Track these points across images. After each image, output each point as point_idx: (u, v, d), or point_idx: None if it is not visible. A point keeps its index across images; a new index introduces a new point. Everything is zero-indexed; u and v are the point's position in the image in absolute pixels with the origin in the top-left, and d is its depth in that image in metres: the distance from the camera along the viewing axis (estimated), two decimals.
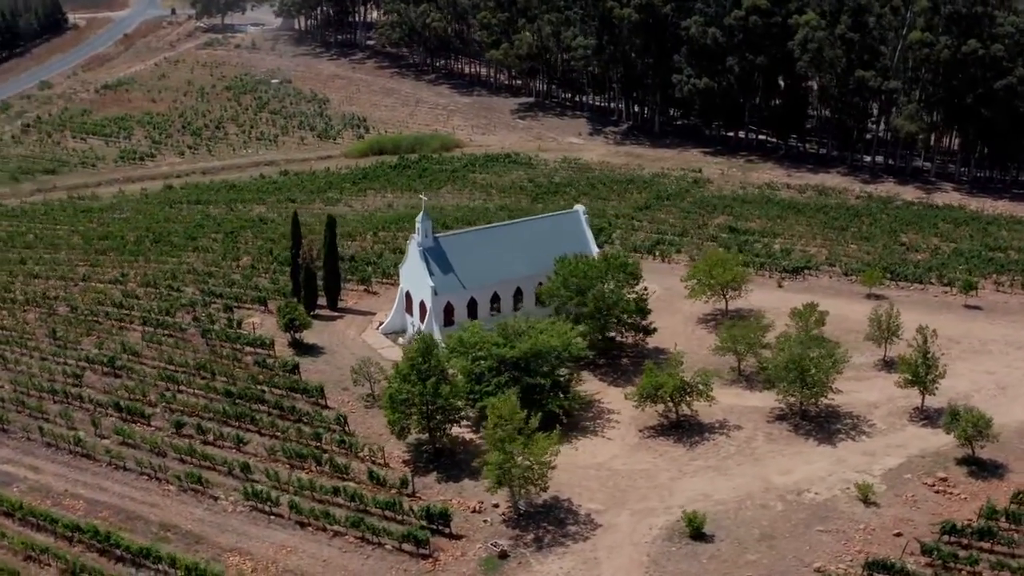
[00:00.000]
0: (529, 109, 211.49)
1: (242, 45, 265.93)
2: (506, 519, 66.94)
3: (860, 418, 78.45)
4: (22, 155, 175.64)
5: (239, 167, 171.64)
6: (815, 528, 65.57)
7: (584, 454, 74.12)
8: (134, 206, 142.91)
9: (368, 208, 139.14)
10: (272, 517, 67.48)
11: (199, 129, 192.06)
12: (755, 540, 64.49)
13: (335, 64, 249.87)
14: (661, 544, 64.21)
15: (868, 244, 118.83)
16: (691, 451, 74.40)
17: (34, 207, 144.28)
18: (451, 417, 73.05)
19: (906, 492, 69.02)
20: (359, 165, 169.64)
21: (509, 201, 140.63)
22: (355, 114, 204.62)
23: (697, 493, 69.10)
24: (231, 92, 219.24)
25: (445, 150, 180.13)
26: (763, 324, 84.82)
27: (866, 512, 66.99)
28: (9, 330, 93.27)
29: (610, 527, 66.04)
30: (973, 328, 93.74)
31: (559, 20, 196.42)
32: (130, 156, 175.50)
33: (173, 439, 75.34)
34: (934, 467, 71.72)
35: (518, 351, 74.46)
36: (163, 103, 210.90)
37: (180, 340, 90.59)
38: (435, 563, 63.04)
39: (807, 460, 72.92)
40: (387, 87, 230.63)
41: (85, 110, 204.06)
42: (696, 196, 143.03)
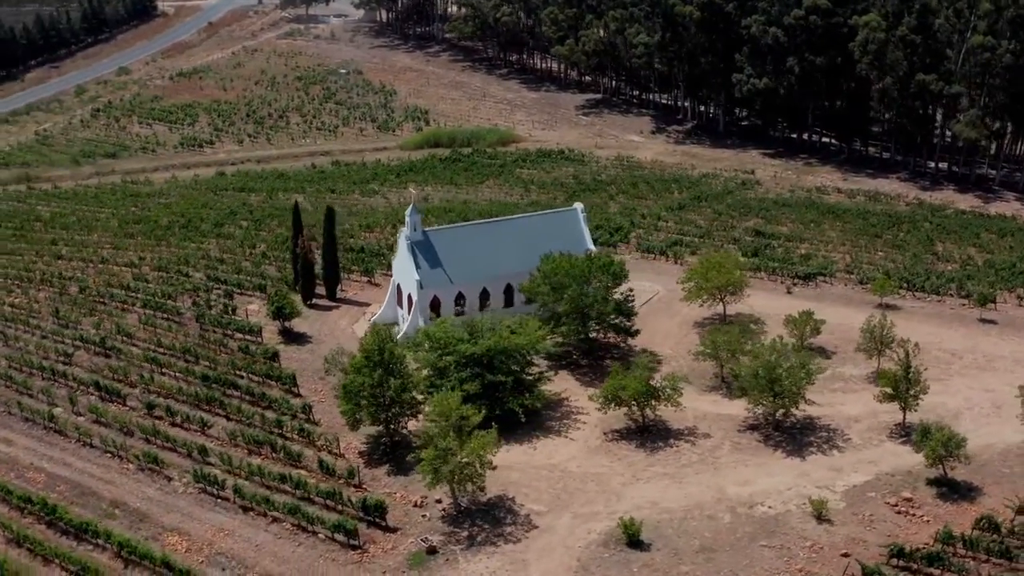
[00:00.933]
0: (595, 106, 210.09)
1: (321, 36, 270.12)
2: (445, 515, 66.61)
3: (837, 432, 75.70)
4: (88, 139, 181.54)
5: (294, 156, 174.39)
6: (759, 543, 63.52)
7: (541, 454, 73.28)
8: (181, 192, 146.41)
9: (404, 201, 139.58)
10: (218, 500, 68.40)
11: (262, 118, 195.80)
12: (693, 551, 62.79)
13: (410, 56, 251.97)
14: (595, 550, 63.03)
15: (898, 252, 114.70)
16: (651, 457, 72.84)
17: (87, 189, 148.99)
18: (408, 411, 72.81)
19: (865, 511, 66.32)
20: (411, 157, 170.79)
21: (546, 197, 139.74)
22: (418, 106, 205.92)
23: (645, 500, 67.63)
24: (301, 82, 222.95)
25: (501, 144, 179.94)
26: (749, 330, 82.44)
27: (817, 529, 64.61)
28: (18, 308, 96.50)
29: (547, 529, 65.11)
30: (982, 343, 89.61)
31: (624, 17, 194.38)
32: (190, 143, 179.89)
33: (143, 419, 76.82)
34: (901, 486, 68.79)
35: (480, 348, 73.93)
36: (234, 91, 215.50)
37: (176, 324, 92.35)
38: (363, 555, 63.03)
39: (769, 472, 70.68)
40: (457, 80, 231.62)
41: (156, 96, 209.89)
42: (738, 198, 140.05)
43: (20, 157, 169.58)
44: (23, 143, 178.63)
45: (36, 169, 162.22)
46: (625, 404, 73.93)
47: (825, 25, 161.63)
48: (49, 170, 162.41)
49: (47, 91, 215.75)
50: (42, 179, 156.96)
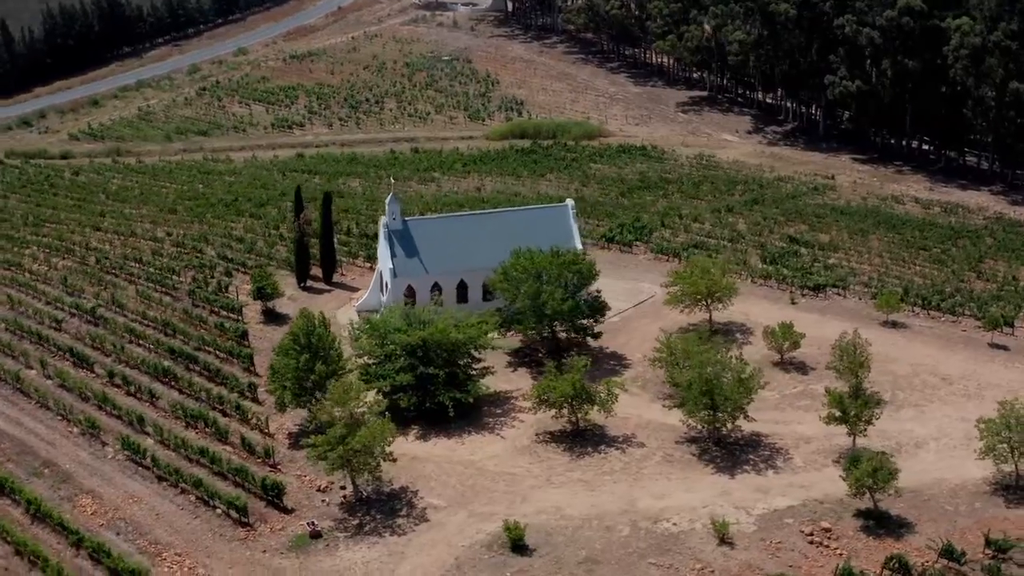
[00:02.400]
0: (697, 103, 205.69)
1: (444, 24, 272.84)
2: (344, 502, 67.16)
3: (781, 452, 72.20)
4: (186, 116, 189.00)
5: (379, 142, 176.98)
6: (648, 559, 61.41)
7: (465, 450, 72.70)
8: (252, 172, 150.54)
9: (456, 190, 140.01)
10: (140, 468, 70.82)
11: (359, 103, 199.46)
12: (576, 562, 61.20)
13: (525, 47, 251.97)
14: (477, 550, 62.20)
15: (937, 267, 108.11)
16: (574, 462, 71.20)
17: (166, 165, 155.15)
18: None
19: (775, 538, 63.10)
20: (490, 148, 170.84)
21: (597, 192, 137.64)
22: (516, 97, 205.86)
23: (549, 505, 66.25)
24: (408, 69, 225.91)
25: (587, 138, 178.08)
26: (712, 338, 79.18)
27: (714, 552, 61.91)
28: (35, 275, 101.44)
29: (438, 525, 64.69)
30: (982, 370, 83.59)
31: (725, 13, 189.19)
32: (282, 124, 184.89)
33: (104, 386, 79.76)
34: (825, 515, 65.06)
35: (413, 338, 73.62)
36: (340, 75, 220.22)
37: (173, 298, 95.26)
38: (249, 532, 63.96)
39: (690, 488, 68.02)
40: (565, 72, 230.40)
41: (264, 77, 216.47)
42: (799, 203, 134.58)
43: (117, 131, 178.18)
44: (124, 118, 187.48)
45: (128, 144, 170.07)
46: (555, 406, 72.21)
47: (920, 28, 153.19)
48: (141, 145, 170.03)
49: (162, 69, 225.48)
50: (132, 153, 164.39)
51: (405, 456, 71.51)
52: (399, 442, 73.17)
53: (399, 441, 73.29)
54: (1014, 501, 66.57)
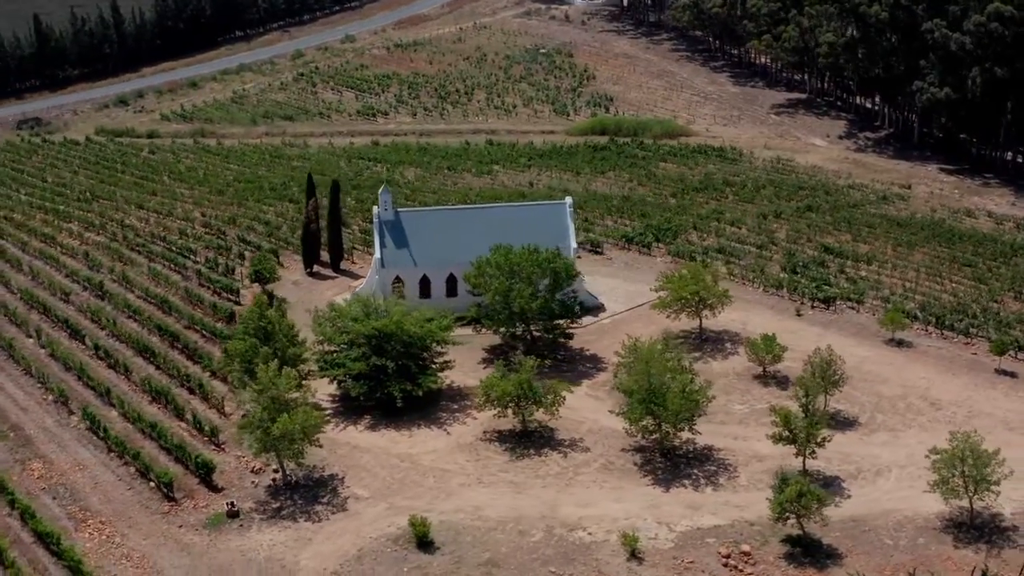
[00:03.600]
0: (793, 105, 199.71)
1: (556, 17, 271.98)
2: (273, 485, 68.05)
3: (729, 468, 69.68)
4: (277, 101, 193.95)
5: (458, 132, 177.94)
6: (550, 567, 60.21)
7: (408, 443, 72.79)
8: (320, 158, 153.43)
9: (512, 184, 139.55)
10: (95, 439, 73.20)
11: (448, 93, 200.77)
12: (476, 563, 60.62)
13: (631, 43, 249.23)
14: (382, 543, 62.31)
15: (974, 285, 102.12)
16: (512, 463, 70.37)
17: (243, 149, 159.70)
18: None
19: (689, 557, 61.08)
20: (567, 142, 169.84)
21: (650, 192, 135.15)
22: (607, 92, 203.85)
23: (471, 504, 65.76)
24: (507, 61, 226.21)
25: (668, 137, 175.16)
26: (677, 344, 76.82)
27: (621, 566, 60.41)
28: (64, 248, 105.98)
29: (353, 515, 65.07)
30: (978, 397, 78.64)
31: (820, 13, 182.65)
32: (368, 112, 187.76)
33: (89, 358, 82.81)
34: (751, 538, 62.45)
35: (365, 328, 73.97)
36: (439, 65, 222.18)
37: (183, 276, 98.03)
38: (172, 507, 65.47)
39: (619, 498, 66.39)
40: (666, 70, 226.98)
41: (363, 65, 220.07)
42: (856, 212, 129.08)
43: (206, 113, 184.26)
44: (218, 100, 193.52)
45: (214, 126, 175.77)
46: (499, 405, 71.31)
47: (1013, 34, 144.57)
48: (226, 127, 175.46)
49: (267, 54, 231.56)
50: (215, 135, 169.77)
51: (347, 445, 72.23)
52: (348, 431, 74.20)
53: (348, 430, 74.31)
54: (963, 540, 62.53)
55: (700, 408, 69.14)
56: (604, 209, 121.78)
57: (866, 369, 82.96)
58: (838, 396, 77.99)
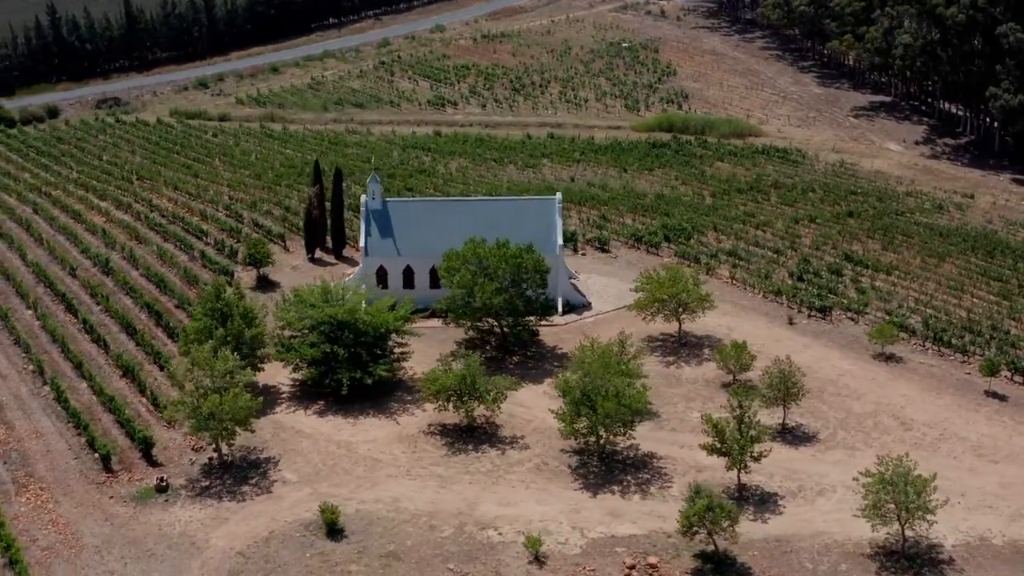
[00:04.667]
0: (875, 108, 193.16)
1: (652, 12, 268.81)
2: (209, 464, 69.73)
3: (665, 477, 68.22)
4: (353, 88, 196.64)
5: (524, 125, 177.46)
6: (449, 564, 60.07)
7: (351, 430, 73.53)
8: (376, 145, 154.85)
9: (554, 178, 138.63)
10: (59, 409, 76.11)
11: (523, 85, 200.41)
12: (378, 554, 61.04)
13: (722, 40, 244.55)
14: (294, 527, 63.29)
15: (997, 300, 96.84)
16: (447, 457, 70.33)
17: (306, 134, 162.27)
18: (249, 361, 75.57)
19: (593, 565, 60.11)
20: (629, 138, 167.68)
21: (691, 192, 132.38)
22: (684, 89, 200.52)
23: (391, 495, 66.12)
24: (591, 54, 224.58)
25: (736, 136, 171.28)
26: (631, 345, 75.11)
27: (520, 568, 60.02)
28: (88, 225, 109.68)
29: (275, 498, 66.19)
30: (956, 419, 74.88)
31: (901, 14, 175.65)
32: (437, 102, 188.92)
33: (77, 332, 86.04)
34: (664, 550, 60.97)
35: (318, 315, 74.73)
36: (522, 58, 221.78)
37: (190, 257, 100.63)
38: (108, 478, 67.64)
39: (542, 500, 65.70)
40: (751, 68, 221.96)
41: (445, 55, 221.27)
42: (899, 220, 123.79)
43: (281, 99, 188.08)
44: (295, 86, 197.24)
45: (286, 111, 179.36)
46: (439, 398, 71.16)
47: None
48: (296, 113, 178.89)
49: (355, 41, 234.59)
50: (284, 120, 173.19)
51: (292, 429, 73.31)
52: (296, 415, 75.23)
53: (297, 414, 75.33)
54: (890, 570, 59.91)
55: (638, 413, 67.58)
56: (629, 206, 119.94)
57: (843, 383, 79.88)
58: (804, 409, 75.59)
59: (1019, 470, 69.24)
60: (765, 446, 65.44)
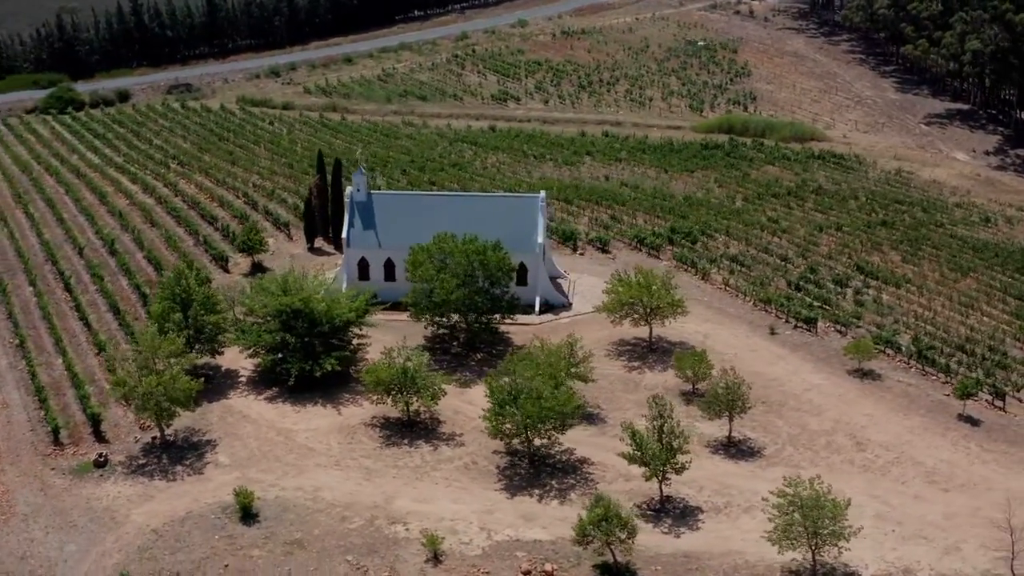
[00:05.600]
0: (949, 116, 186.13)
1: (741, 12, 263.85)
2: (152, 443, 71.89)
3: (589, 483, 67.67)
4: (420, 81, 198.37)
5: (582, 122, 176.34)
6: (348, 556, 60.92)
7: (294, 418, 74.91)
8: (426, 138, 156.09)
9: (589, 176, 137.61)
10: (30, 380, 79.24)
11: (591, 83, 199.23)
12: (284, 541, 62.41)
13: (806, 42, 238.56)
14: (212, 509, 65.09)
15: (1008, 320, 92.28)
16: (379, 450, 71.11)
17: (361, 125, 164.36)
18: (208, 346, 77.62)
19: (488, 567, 60.17)
20: (684, 138, 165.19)
21: (725, 194, 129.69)
22: (754, 91, 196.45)
23: (313, 484, 67.34)
24: (668, 53, 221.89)
25: (796, 140, 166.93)
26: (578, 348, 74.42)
27: (416, 565, 60.51)
28: (109, 207, 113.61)
29: (204, 480, 68.10)
30: (919, 442, 71.90)
31: (975, 19, 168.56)
32: (501, 97, 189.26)
33: (68, 309, 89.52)
34: (565, 559, 60.45)
35: (273, 304, 76.11)
36: (598, 55, 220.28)
37: (196, 242, 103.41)
38: (55, 451, 70.44)
39: (459, 499, 65.90)
40: (830, 71, 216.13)
41: (520, 50, 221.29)
42: (939, 232, 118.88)
43: (347, 89, 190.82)
44: (364, 77, 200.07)
45: (348, 102, 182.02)
46: (376, 392, 71.73)
47: None
48: (360, 104, 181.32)
49: (436, 34, 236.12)
50: (345, 111, 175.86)
51: (239, 414, 75.06)
52: (247, 399, 76.87)
53: (248, 399, 76.95)
54: None
55: (566, 416, 66.89)
56: (647, 207, 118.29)
57: (807, 398, 77.49)
58: (757, 423, 73.80)
59: (969, 500, 66.15)
60: (687, 458, 64.21)
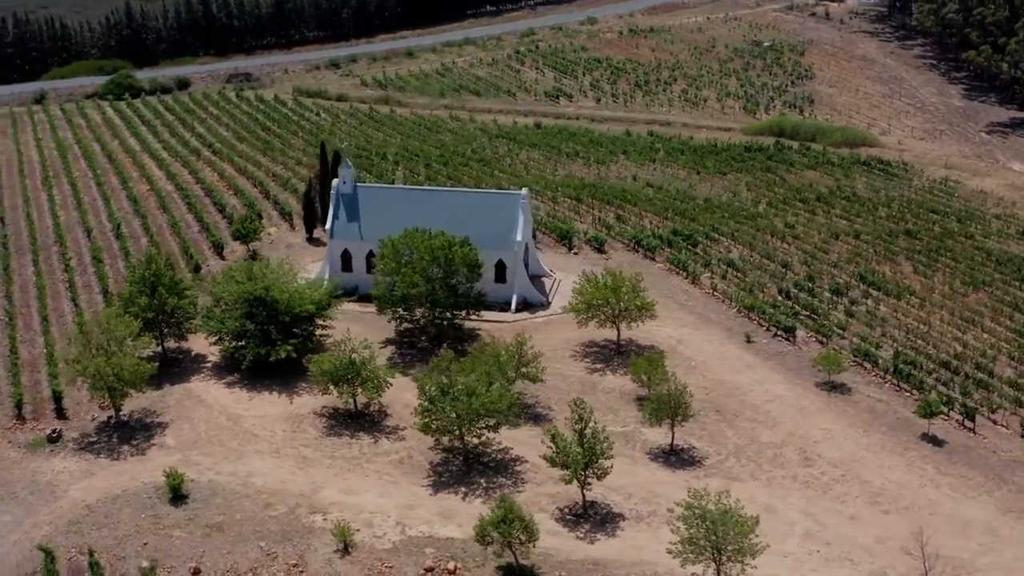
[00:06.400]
0: (1013, 125, 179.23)
1: (817, 14, 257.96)
2: (107, 422, 74.23)
3: (519, 484, 67.52)
4: (477, 76, 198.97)
5: (631, 121, 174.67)
6: (261, 542, 62.35)
7: (247, 404, 76.53)
8: (468, 133, 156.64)
9: (615, 176, 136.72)
10: (9, 358, 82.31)
11: (647, 82, 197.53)
12: (205, 523, 64.20)
13: (879, 46, 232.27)
14: (145, 488, 67.10)
15: (1010, 337, 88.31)
16: (321, 439, 72.35)
17: (407, 118, 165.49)
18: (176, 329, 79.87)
19: (393, 561, 60.88)
20: (728, 141, 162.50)
21: (750, 198, 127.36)
22: (811, 94, 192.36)
23: (247, 470, 68.96)
24: (734, 53, 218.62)
25: (847, 145, 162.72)
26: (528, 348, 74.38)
27: (324, 555, 61.44)
28: (129, 193, 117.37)
29: (146, 460, 70.32)
30: (873, 460, 69.87)
31: None
32: (553, 94, 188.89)
33: (63, 288, 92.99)
34: (471, 557, 60.59)
35: (239, 291, 77.75)
36: (661, 54, 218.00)
37: (200, 229, 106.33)
38: (16, 424, 73.57)
39: (385, 493, 66.73)
40: (897, 76, 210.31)
41: (583, 48, 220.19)
42: (966, 244, 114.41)
43: (403, 82, 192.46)
44: (422, 71, 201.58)
45: (402, 95, 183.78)
46: (320, 382, 72.73)
47: None
48: (413, 97, 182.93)
49: (505, 28, 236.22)
50: (398, 103, 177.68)
51: (196, 398, 77.00)
52: (207, 383, 78.85)
53: (208, 383, 78.89)
54: None
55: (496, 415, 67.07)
56: (658, 208, 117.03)
57: (765, 409, 75.86)
58: (707, 432, 72.80)
59: (906, 524, 63.74)
60: (609, 463, 63.71)
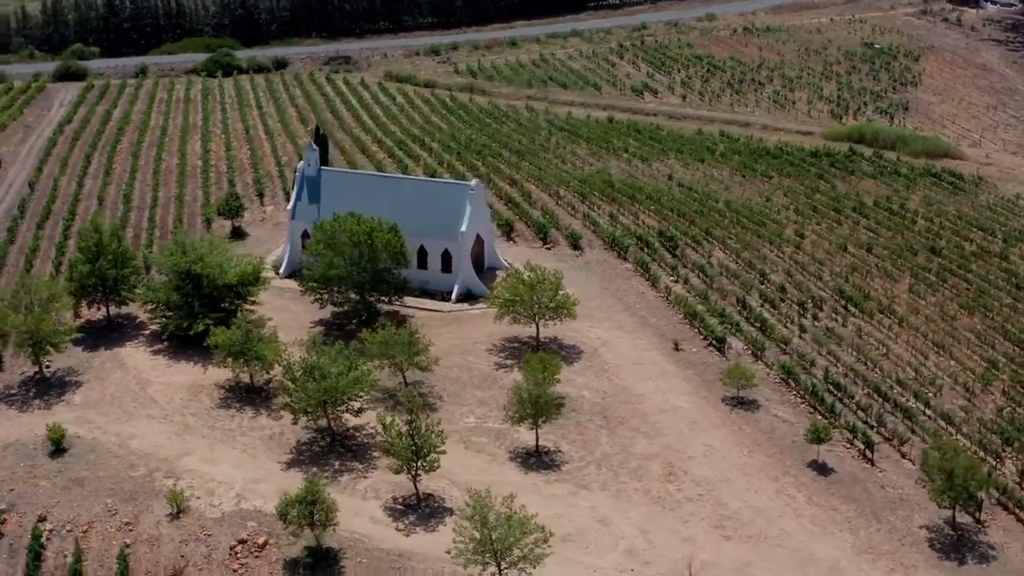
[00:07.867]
0: None
1: (948, 20, 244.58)
2: (32, 376, 79.71)
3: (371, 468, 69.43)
4: (571, 69, 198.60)
5: (709, 120, 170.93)
6: (108, 499, 66.48)
7: (163, 371, 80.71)
8: (534, 124, 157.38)
9: (648, 175, 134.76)
10: None
11: (740, 81, 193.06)
12: (71, 477, 68.33)
13: (1004, 55, 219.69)
14: (35, 440, 71.76)
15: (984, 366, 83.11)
16: (210, 411, 75.59)
17: (482, 107, 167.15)
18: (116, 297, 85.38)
19: (213, 530, 63.80)
20: (800, 145, 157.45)
21: (780, 204, 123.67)
22: (908, 101, 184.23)
23: (131, 432, 72.76)
24: (846, 56, 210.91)
25: (927, 155, 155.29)
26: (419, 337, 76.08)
27: (154, 517, 65.07)
28: (155, 167, 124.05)
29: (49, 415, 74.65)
30: (739, 483, 67.94)
31: None
32: (638, 89, 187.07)
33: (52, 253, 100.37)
34: (284, 537, 62.34)
35: (170, 263, 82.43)
36: (768, 54, 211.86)
37: (204, 203, 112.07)
38: None
39: (241, 465, 69.60)
40: (1009, 87, 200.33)
41: (689, 44, 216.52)
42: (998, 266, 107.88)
43: (496, 72, 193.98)
44: (519, 61, 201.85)
45: (488, 83, 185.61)
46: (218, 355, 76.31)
47: None
48: (498, 87, 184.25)
49: (614, 22, 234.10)
50: (484, 92, 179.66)
51: (122, 364, 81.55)
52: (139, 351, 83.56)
53: (140, 350, 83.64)
54: None
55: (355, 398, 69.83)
56: (662, 207, 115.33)
57: (654, 420, 74.50)
58: (580, 438, 72.60)
59: (742, 554, 61.67)
60: (435, 457, 64.72)
